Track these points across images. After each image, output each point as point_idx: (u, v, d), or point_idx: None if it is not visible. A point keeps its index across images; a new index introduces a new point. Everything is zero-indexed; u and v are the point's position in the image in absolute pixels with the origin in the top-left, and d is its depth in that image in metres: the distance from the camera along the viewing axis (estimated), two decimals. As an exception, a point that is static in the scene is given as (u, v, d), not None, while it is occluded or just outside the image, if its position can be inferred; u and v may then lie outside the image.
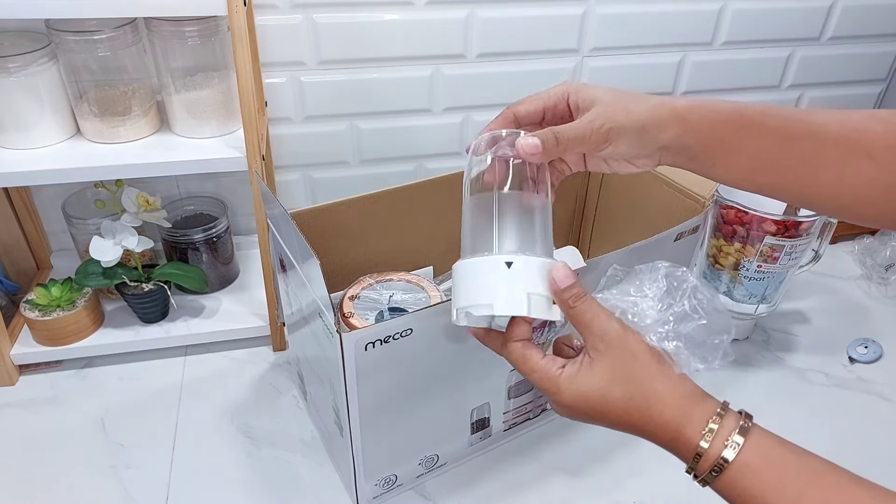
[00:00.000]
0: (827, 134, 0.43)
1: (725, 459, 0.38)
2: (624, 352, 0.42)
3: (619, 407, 0.41)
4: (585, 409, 0.42)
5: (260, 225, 0.77)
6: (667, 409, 0.40)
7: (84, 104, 0.75)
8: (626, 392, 0.41)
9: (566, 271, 0.43)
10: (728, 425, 0.40)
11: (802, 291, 1.00)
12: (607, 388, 0.41)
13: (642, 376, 0.41)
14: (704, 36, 1.02)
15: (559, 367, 0.43)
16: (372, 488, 0.67)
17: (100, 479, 0.70)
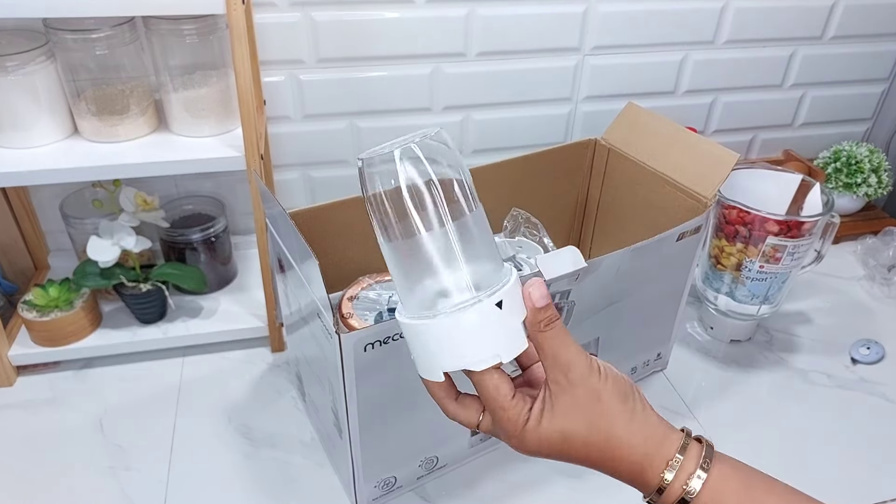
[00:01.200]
0: None
1: (692, 491, 0.38)
2: (586, 391, 0.39)
3: (580, 448, 0.40)
4: (547, 452, 0.41)
5: (258, 225, 0.77)
6: (627, 454, 0.39)
7: (82, 103, 0.75)
8: (586, 435, 0.40)
9: (543, 289, 0.40)
10: (692, 456, 0.39)
11: (805, 292, 1.00)
12: (568, 429, 0.40)
13: (603, 420, 0.39)
14: (706, 34, 1.01)
15: (527, 409, 0.40)
16: (371, 490, 0.66)
17: (98, 479, 0.70)
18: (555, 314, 0.40)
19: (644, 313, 0.77)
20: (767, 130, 1.16)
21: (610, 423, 0.40)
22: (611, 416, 0.40)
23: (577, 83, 1.01)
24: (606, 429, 0.40)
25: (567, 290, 0.64)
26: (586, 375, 0.40)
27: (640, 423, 0.40)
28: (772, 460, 0.75)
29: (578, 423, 0.40)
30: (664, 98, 1.06)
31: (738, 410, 0.81)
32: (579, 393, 0.40)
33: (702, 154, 0.74)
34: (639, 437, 0.40)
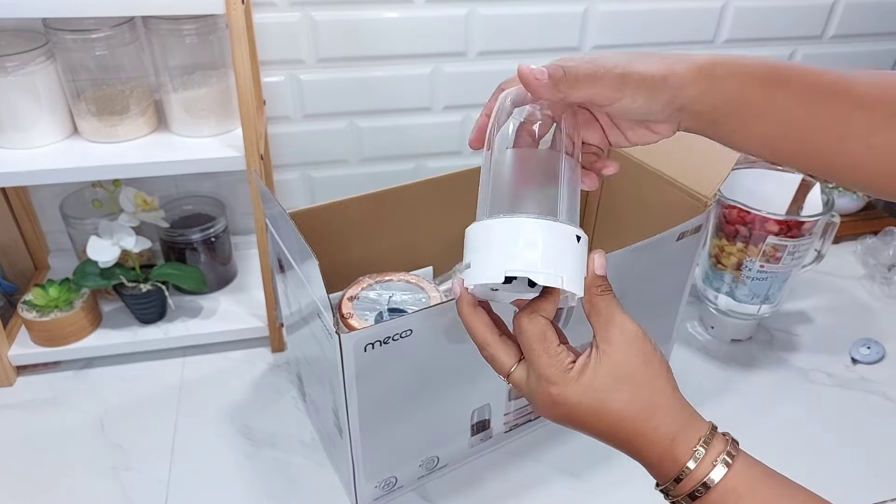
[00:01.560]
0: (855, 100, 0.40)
1: (710, 481, 0.38)
2: (638, 352, 0.40)
3: (618, 411, 0.39)
4: (577, 415, 0.40)
5: (258, 225, 0.77)
6: (663, 423, 0.39)
7: (82, 103, 0.75)
8: (630, 396, 0.39)
9: (604, 259, 0.41)
10: (717, 447, 0.39)
11: (805, 291, 1.00)
12: (611, 387, 0.39)
13: (648, 385, 0.39)
14: (706, 34, 1.01)
15: (571, 360, 0.41)
16: (372, 490, 0.66)
17: (99, 480, 0.70)
18: (609, 285, 0.41)
19: (644, 313, 0.76)
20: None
21: (654, 389, 0.39)
22: (657, 382, 0.40)
23: (577, 83, 1.01)
24: (648, 395, 0.39)
25: (567, 290, 0.64)
26: (640, 337, 0.40)
27: (677, 399, 0.40)
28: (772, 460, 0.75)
29: (625, 381, 0.39)
30: (664, 97, 1.06)
31: (738, 410, 0.81)
32: (631, 352, 0.40)
33: (702, 154, 0.74)
34: (676, 410, 0.40)
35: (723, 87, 0.41)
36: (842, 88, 0.40)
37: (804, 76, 0.41)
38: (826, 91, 0.40)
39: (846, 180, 0.43)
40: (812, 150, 0.41)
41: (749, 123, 0.42)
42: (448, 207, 0.79)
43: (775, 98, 0.41)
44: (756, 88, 0.41)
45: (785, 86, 0.41)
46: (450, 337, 0.60)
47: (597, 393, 0.39)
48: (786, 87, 0.41)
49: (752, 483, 0.38)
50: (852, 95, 0.40)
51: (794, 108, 0.41)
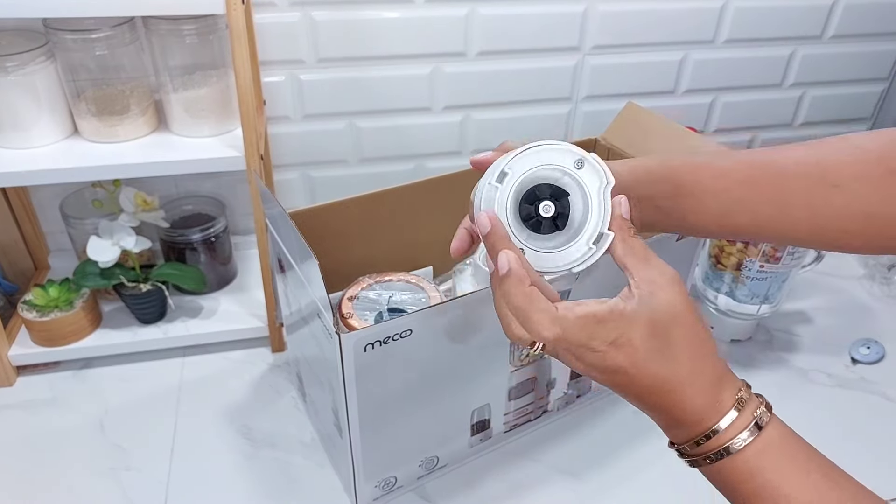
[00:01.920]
0: (789, 170, 0.42)
1: (733, 446, 0.37)
2: (682, 294, 0.38)
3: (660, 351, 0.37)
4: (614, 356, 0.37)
5: (258, 225, 0.77)
6: (698, 395, 0.37)
7: (82, 103, 0.75)
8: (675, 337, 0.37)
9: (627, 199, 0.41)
10: (749, 409, 0.38)
11: (805, 291, 1.00)
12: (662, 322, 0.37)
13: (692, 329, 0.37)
14: (706, 34, 1.01)
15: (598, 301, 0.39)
16: (371, 490, 0.66)
17: (98, 480, 0.70)
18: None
19: (644, 313, 0.77)
20: (767, 130, 1.15)
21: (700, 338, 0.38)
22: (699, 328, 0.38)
23: (576, 83, 1.01)
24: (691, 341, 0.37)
25: (567, 290, 0.64)
26: (679, 280, 0.39)
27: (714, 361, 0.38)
28: (772, 460, 0.75)
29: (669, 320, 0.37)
30: (664, 98, 1.06)
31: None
32: (677, 290, 0.38)
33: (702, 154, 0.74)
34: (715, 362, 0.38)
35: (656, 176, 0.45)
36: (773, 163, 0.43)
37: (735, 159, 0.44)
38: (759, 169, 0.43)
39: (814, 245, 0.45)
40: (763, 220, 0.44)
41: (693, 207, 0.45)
42: (448, 207, 0.79)
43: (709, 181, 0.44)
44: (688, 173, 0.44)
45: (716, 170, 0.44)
46: (450, 337, 0.60)
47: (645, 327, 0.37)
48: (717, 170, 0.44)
49: (780, 451, 0.38)
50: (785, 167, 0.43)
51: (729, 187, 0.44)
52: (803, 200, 0.42)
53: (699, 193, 0.44)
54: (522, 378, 0.69)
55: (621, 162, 0.46)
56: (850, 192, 0.41)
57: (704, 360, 0.38)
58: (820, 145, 0.43)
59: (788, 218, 0.43)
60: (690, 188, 0.44)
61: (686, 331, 0.38)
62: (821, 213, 0.42)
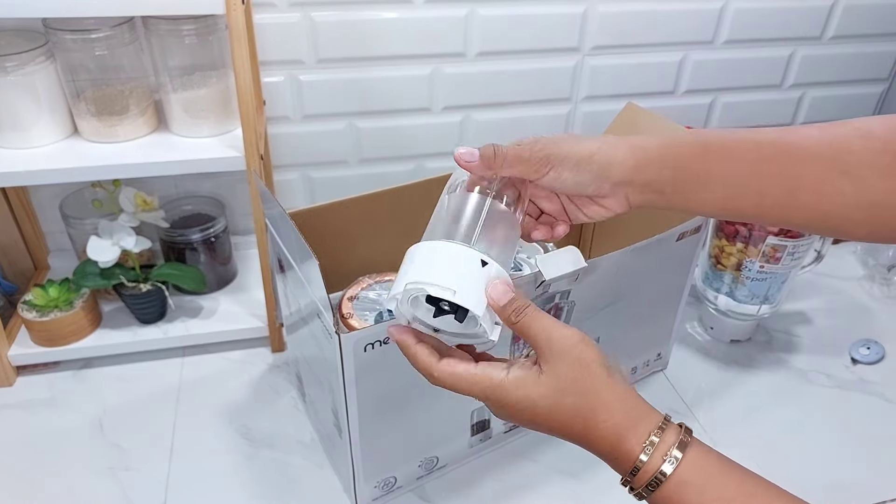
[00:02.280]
0: (802, 153, 0.42)
1: (664, 473, 0.38)
2: (574, 360, 0.40)
3: (567, 415, 0.40)
4: (531, 416, 0.41)
5: (258, 225, 0.77)
6: (611, 418, 0.40)
7: (81, 103, 0.75)
8: (574, 402, 0.40)
9: (503, 288, 0.42)
10: (668, 439, 0.39)
11: (805, 292, 1.00)
12: (557, 398, 0.40)
13: (591, 386, 0.40)
14: (706, 35, 1.01)
15: (503, 368, 0.42)
16: (371, 490, 0.66)
17: (98, 480, 0.70)
18: (523, 304, 0.42)
19: (644, 313, 0.77)
20: (767, 130, 1.15)
21: (599, 387, 0.40)
22: (599, 381, 0.40)
23: (576, 83, 1.01)
24: (596, 392, 0.40)
25: (567, 290, 0.64)
26: (570, 345, 0.40)
27: (624, 395, 0.40)
28: (771, 459, 0.75)
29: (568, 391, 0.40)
30: (664, 98, 1.06)
31: (738, 410, 0.81)
32: (567, 362, 0.40)
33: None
34: (623, 406, 0.40)
35: (659, 161, 0.44)
36: (785, 144, 0.42)
37: (739, 140, 0.43)
38: (769, 149, 0.43)
39: (814, 230, 0.45)
40: (767, 205, 0.43)
41: (697, 191, 0.44)
42: (448, 208, 0.79)
43: (714, 162, 0.43)
44: (692, 158, 0.43)
45: (724, 151, 0.43)
46: (449, 337, 0.60)
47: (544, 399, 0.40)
48: (725, 152, 0.43)
49: (707, 473, 0.38)
50: (796, 150, 0.42)
51: (735, 169, 0.43)
52: (812, 185, 0.42)
53: (704, 179, 0.44)
54: (522, 378, 0.69)
55: (616, 143, 0.45)
56: (858, 179, 0.41)
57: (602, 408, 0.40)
58: (832, 128, 0.43)
59: (794, 202, 0.43)
60: (695, 174, 0.44)
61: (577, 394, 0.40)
62: (828, 199, 0.42)
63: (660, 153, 0.44)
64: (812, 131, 0.43)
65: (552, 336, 0.41)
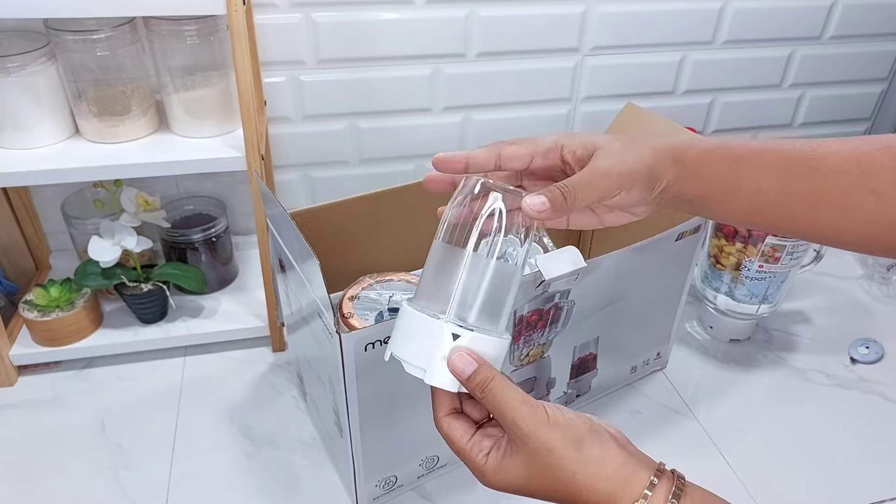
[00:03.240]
0: (828, 168, 0.42)
1: None
2: (538, 445, 0.39)
3: (549, 496, 0.40)
4: (516, 492, 0.41)
5: (259, 225, 0.77)
6: (594, 495, 0.39)
7: (83, 104, 0.75)
8: (548, 485, 0.40)
9: (464, 360, 0.40)
10: (660, 494, 0.38)
11: (804, 291, 1.00)
12: (530, 480, 0.40)
13: (561, 470, 0.39)
14: (705, 35, 1.01)
15: (483, 455, 0.41)
16: (372, 489, 0.66)
17: (99, 479, 0.70)
18: (487, 377, 0.40)
19: (644, 313, 0.77)
20: (766, 130, 1.16)
21: (570, 469, 0.39)
22: (567, 464, 0.39)
23: (576, 83, 1.01)
24: (568, 476, 0.39)
25: (567, 290, 0.65)
26: (532, 429, 0.39)
27: (600, 467, 0.39)
28: (771, 459, 0.75)
29: (538, 476, 0.40)
30: (663, 98, 1.06)
31: (737, 410, 0.81)
32: (530, 447, 0.40)
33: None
34: (601, 480, 0.39)
35: (693, 172, 0.44)
36: (812, 159, 0.42)
37: (769, 153, 0.43)
38: (797, 164, 0.43)
39: (831, 243, 0.45)
40: (789, 220, 0.44)
41: (723, 202, 0.44)
42: (448, 208, 0.79)
43: (743, 176, 0.43)
44: (722, 170, 0.43)
45: (754, 165, 0.43)
46: (450, 336, 0.60)
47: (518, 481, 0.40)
48: (755, 166, 0.43)
49: None
50: (825, 166, 0.42)
51: (763, 185, 0.43)
52: (837, 201, 0.42)
53: (734, 192, 0.44)
54: (522, 378, 0.70)
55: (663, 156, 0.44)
56: (886, 198, 0.41)
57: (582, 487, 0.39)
58: (862, 144, 0.42)
59: (816, 217, 0.43)
60: (727, 188, 0.44)
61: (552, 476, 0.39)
62: (850, 216, 0.42)
63: (696, 166, 0.44)
64: (842, 146, 0.43)
65: (516, 419, 0.40)
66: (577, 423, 0.40)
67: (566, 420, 0.40)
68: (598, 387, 0.79)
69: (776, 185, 0.43)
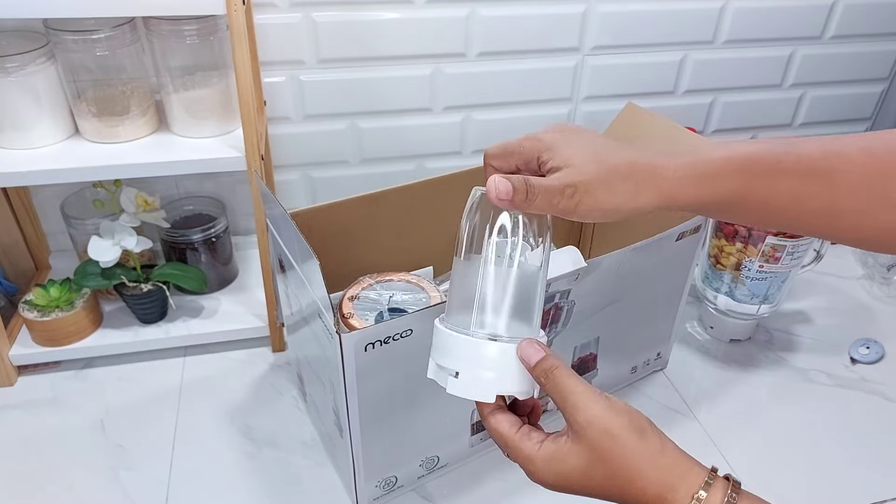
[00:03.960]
0: (849, 183, 0.41)
1: None
2: (600, 431, 0.40)
3: (602, 486, 0.40)
4: (565, 486, 0.42)
5: (259, 225, 0.77)
6: (650, 486, 0.39)
7: (82, 104, 0.75)
8: (607, 473, 0.40)
9: (532, 347, 0.42)
10: (715, 496, 0.38)
11: (804, 291, 1.00)
12: (587, 469, 0.40)
13: (622, 456, 0.40)
14: (706, 34, 1.01)
15: (536, 442, 0.42)
16: (372, 490, 0.66)
17: (99, 480, 0.70)
18: (553, 364, 0.42)
19: (644, 313, 0.77)
20: (767, 130, 1.16)
21: (630, 458, 0.39)
22: (629, 450, 0.40)
23: (576, 83, 1.01)
24: (627, 463, 0.39)
25: (567, 290, 0.64)
26: (597, 414, 0.40)
27: (660, 456, 0.40)
28: (771, 460, 0.75)
29: (597, 463, 0.40)
30: (664, 98, 1.06)
31: (738, 410, 0.81)
32: (592, 433, 0.40)
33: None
34: (660, 469, 0.39)
35: (708, 195, 0.42)
36: (832, 175, 0.41)
37: (786, 162, 0.41)
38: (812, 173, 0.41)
39: (847, 244, 0.45)
40: (803, 223, 0.43)
41: (738, 211, 0.44)
42: (448, 207, 0.79)
43: (760, 190, 0.42)
44: (739, 183, 0.42)
45: (768, 178, 0.42)
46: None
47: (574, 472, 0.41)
48: (769, 178, 0.42)
49: None
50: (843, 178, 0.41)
51: (779, 202, 0.42)
52: (854, 212, 0.41)
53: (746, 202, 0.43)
54: (522, 378, 0.69)
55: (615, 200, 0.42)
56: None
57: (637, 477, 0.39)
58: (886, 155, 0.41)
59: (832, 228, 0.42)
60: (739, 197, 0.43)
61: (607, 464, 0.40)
62: (869, 224, 0.41)
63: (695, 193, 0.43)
64: (863, 160, 0.41)
65: (578, 405, 0.41)
66: (639, 415, 0.41)
67: (628, 408, 0.41)
68: (598, 387, 0.78)
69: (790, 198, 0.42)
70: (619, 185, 0.42)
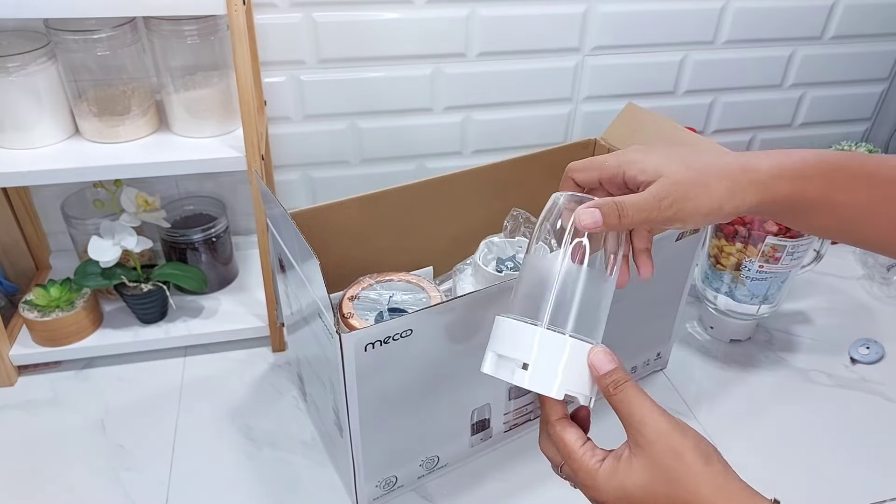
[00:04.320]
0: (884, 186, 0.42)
1: None
2: (666, 449, 0.39)
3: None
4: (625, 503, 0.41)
5: (259, 225, 0.77)
6: None
7: (83, 104, 0.75)
8: (668, 492, 0.39)
9: (605, 356, 0.42)
10: None
11: (804, 292, 1.00)
12: (649, 486, 0.39)
13: (687, 478, 0.38)
14: (706, 35, 1.01)
15: (598, 460, 0.41)
16: (372, 489, 0.66)
17: (99, 480, 0.70)
18: (623, 377, 0.42)
19: (644, 313, 0.77)
20: (767, 130, 1.16)
21: (695, 481, 0.38)
22: (695, 475, 0.39)
23: (577, 83, 1.01)
24: (692, 486, 0.38)
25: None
26: (664, 433, 0.40)
27: (725, 484, 0.39)
28: (771, 460, 0.75)
29: (660, 481, 0.39)
30: (664, 98, 1.06)
31: (738, 410, 0.81)
32: (658, 450, 0.39)
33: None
34: (725, 497, 0.38)
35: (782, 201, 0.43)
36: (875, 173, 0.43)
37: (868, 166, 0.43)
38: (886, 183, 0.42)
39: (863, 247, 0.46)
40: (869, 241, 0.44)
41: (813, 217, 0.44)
42: (448, 207, 0.79)
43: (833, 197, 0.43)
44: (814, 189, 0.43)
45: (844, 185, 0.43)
46: (450, 337, 0.60)
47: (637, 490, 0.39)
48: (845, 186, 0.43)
49: None
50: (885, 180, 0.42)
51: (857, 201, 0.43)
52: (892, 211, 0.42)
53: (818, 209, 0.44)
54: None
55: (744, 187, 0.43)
56: None
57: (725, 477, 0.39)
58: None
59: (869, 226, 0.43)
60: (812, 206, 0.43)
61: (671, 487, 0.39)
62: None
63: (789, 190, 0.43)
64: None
65: (645, 421, 0.40)
66: (705, 440, 0.41)
67: (696, 433, 0.40)
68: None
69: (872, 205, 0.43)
70: (716, 184, 0.43)
